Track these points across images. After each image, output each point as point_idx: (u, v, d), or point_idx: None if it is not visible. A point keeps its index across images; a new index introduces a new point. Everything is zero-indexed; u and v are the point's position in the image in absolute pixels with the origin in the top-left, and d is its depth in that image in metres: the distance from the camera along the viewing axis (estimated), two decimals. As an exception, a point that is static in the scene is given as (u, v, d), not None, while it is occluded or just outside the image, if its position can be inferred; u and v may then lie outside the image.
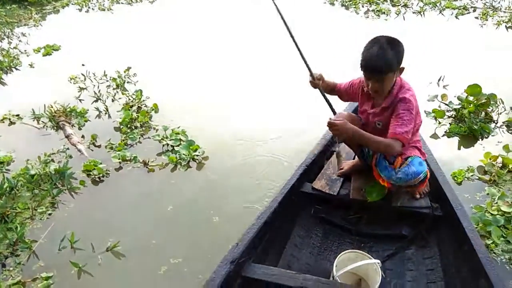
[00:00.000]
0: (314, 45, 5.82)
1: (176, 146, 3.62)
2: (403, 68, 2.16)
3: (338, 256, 2.13)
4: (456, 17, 7.05)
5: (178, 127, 3.84)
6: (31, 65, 5.49)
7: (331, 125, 2.17)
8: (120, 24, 7.16)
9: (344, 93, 2.56)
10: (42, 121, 4.09)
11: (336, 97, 2.64)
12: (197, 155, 3.48)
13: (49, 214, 2.92)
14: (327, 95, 2.49)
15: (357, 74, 2.37)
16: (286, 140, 3.70)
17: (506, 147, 3.36)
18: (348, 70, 2.97)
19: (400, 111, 2.16)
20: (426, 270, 2.27)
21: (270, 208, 2.28)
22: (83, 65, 5.27)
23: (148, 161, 3.43)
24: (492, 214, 2.73)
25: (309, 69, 2.44)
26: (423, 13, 7.25)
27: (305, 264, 2.34)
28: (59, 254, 2.60)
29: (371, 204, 2.45)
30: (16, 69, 5.41)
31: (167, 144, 3.65)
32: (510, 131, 3.75)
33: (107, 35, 6.61)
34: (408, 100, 2.16)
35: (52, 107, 4.16)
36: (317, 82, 2.45)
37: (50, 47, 5.97)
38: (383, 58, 2.04)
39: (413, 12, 7.33)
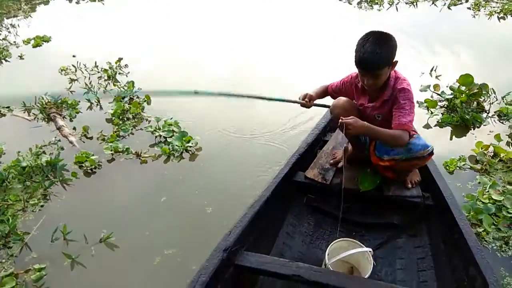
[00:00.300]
0: (307, 38, 5.84)
1: (169, 137, 3.60)
2: (396, 61, 2.17)
3: (330, 245, 2.15)
4: (449, 7, 7.07)
5: (171, 118, 3.81)
6: (21, 57, 5.42)
7: (344, 125, 2.17)
8: (110, 15, 7.09)
9: (337, 93, 2.57)
10: (33, 113, 4.05)
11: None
12: (190, 146, 3.47)
13: (41, 206, 2.90)
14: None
15: (351, 67, 2.36)
16: (282, 132, 3.71)
17: (497, 137, 3.39)
18: (342, 64, 2.98)
19: (402, 102, 2.18)
20: (417, 259, 2.29)
21: (262, 197, 2.28)
22: (74, 56, 5.21)
23: (141, 153, 3.41)
24: (483, 203, 2.76)
25: (293, 102, 2.55)
26: (416, 4, 7.26)
27: (297, 252, 2.35)
28: (52, 246, 2.59)
29: (364, 193, 2.47)
30: (6, 60, 5.34)
31: (160, 136, 3.63)
32: (501, 121, 3.78)
33: (97, 26, 6.54)
34: (407, 90, 2.19)
35: (43, 98, 4.12)
36: (307, 104, 2.50)
37: (40, 38, 5.90)
38: (377, 54, 2.05)
39: (406, 3, 7.33)
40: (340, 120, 2.17)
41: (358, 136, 2.55)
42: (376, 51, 2.04)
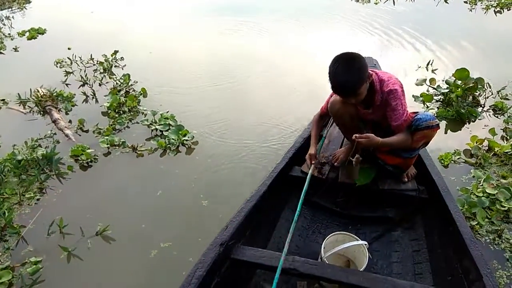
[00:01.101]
0: (304, 35, 5.81)
1: (165, 131, 3.60)
2: (371, 75, 2.17)
3: (326, 238, 2.17)
4: (446, 1, 7.05)
5: (167, 112, 3.81)
6: (15, 49, 5.38)
7: (359, 143, 2.18)
8: (106, 7, 7.03)
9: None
10: (28, 106, 4.03)
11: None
12: (187, 140, 3.47)
13: (37, 200, 2.90)
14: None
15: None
16: (279, 127, 3.70)
17: (492, 131, 3.41)
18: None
19: (393, 104, 2.19)
20: (412, 251, 2.32)
21: (259, 191, 2.29)
22: (69, 48, 5.17)
23: (137, 146, 3.41)
24: (477, 196, 2.78)
25: (310, 178, 2.41)
26: (413, -3, 7.24)
27: (294, 246, 2.37)
28: (48, 239, 2.59)
29: (359, 187, 2.48)
30: (1, 53, 5.29)
31: (156, 129, 3.62)
32: (496, 115, 3.80)
33: (93, 18, 6.49)
34: (394, 90, 2.18)
35: (38, 91, 4.09)
36: (316, 160, 2.48)
37: (35, 30, 5.85)
38: (349, 82, 2.05)
39: (403, -4, 7.31)
40: (353, 138, 2.18)
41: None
42: (348, 79, 2.04)
